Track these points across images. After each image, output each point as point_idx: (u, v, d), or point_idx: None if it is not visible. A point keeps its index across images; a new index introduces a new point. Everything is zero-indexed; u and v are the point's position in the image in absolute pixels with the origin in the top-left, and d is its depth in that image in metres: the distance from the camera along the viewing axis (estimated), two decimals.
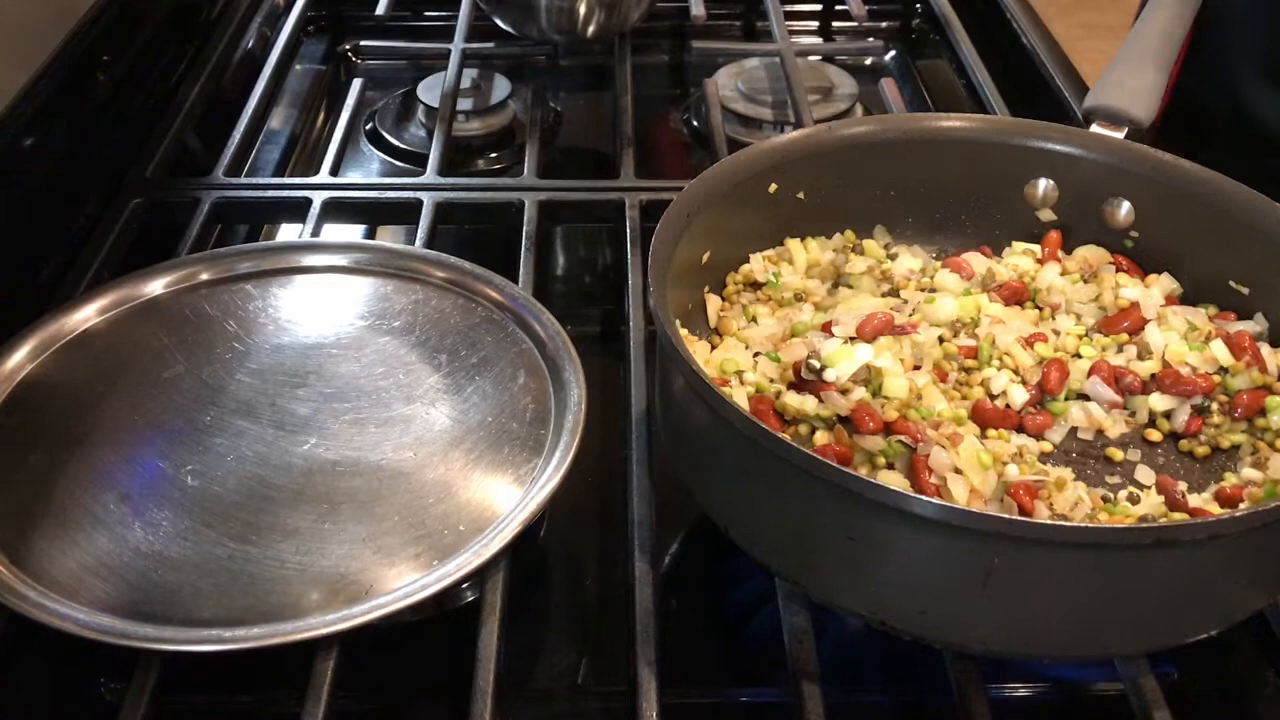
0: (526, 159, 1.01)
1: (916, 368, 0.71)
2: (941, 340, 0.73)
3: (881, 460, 0.65)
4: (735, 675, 0.70)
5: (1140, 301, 0.75)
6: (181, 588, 0.61)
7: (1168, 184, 0.76)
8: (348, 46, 1.30)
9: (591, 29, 1.14)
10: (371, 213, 0.98)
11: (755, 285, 0.78)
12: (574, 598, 0.72)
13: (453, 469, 0.68)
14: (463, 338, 0.77)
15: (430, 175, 0.98)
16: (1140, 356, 0.73)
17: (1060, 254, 0.80)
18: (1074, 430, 0.70)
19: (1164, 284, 0.77)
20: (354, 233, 1.01)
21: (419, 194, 0.95)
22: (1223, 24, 0.98)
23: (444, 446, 0.70)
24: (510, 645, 0.62)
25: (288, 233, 1.00)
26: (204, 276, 0.82)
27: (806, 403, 0.67)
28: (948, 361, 0.71)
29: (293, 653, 0.59)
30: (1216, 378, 0.70)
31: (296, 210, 0.95)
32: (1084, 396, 0.71)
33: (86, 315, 0.78)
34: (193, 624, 0.59)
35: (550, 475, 0.67)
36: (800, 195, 0.79)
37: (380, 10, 1.28)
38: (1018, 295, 0.76)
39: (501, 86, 1.16)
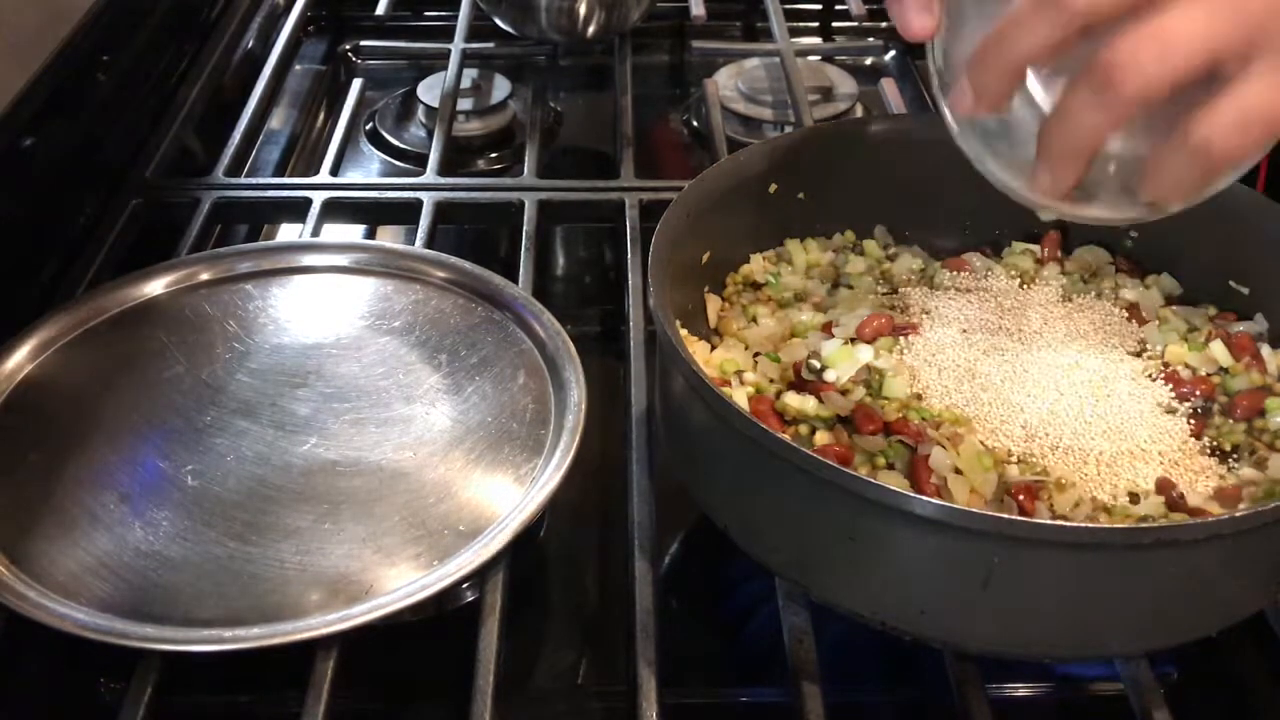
0: (526, 159, 1.01)
1: None
2: None
3: (881, 460, 0.64)
4: (735, 675, 0.70)
5: (1140, 301, 0.75)
6: (181, 588, 0.61)
7: None
8: (348, 46, 1.30)
9: (591, 29, 1.14)
10: (371, 213, 0.98)
11: (755, 285, 0.78)
12: (574, 598, 0.72)
13: (453, 469, 0.68)
14: (463, 338, 0.77)
15: (430, 175, 0.98)
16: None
17: (1060, 254, 0.80)
18: None
19: (1164, 284, 0.77)
20: (354, 233, 1.01)
21: (419, 194, 0.95)
22: None
23: (444, 446, 0.70)
24: (510, 645, 0.62)
25: (288, 233, 1.00)
26: (204, 276, 0.82)
27: (806, 403, 0.67)
28: None
29: (293, 653, 0.59)
30: (1216, 379, 0.70)
31: (296, 210, 0.94)
32: None
33: (86, 315, 0.78)
34: (193, 624, 0.59)
35: (550, 475, 0.67)
36: (800, 195, 0.79)
37: (380, 10, 1.28)
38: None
39: (501, 86, 1.16)
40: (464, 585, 0.64)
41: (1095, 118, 0.51)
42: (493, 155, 1.13)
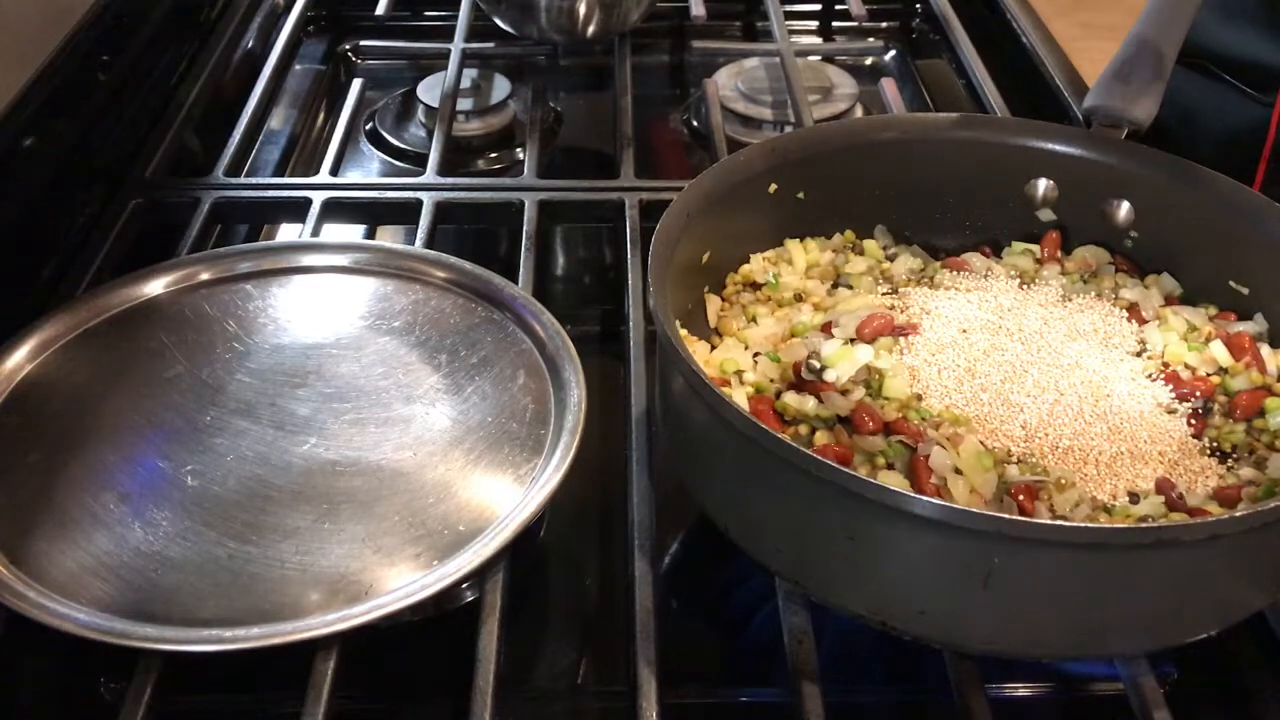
0: (526, 159, 1.01)
1: None
2: None
3: (881, 460, 0.65)
4: (735, 675, 0.70)
5: (1140, 301, 0.75)
6: (181, 588, 0.61)
7: (1168, 184, 0.76)
8: (348, 46, 1.30)
9: (591, 29, 1.14)
10: (371, 213, 0.98)
11: (755, 285, 0.78)
12: (574, 598, 0.72)
13: (453, 469, 0.68)
14: (463, 338, 0.77)
15: (430, 175, 0.98)
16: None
17: (1060, 254, 0.80)
18: None
19: (1164, 284, 0.77)
20: (354, 233, 1.01)
21: (419, 194, 0.95)
22: None
23: (444, 446, 0.70)
24: (510, 645, 0.62)
25: (288, 233, 1.00)
26: (204, 276, 0.82)
27: (806, 403, 0.67)
28: None
29: (293, 653, 0.59)
30: (1216, 379, 0.70)
31: (296, 210, 0.94)
32: None
33: (86, 315, 0.78)
34: (193, 624, 0.59)
35: (550, 475, 0.67)
36: (800, 195, 0.79)
37: (380, 10, 1.28)
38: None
39: (501, 86, 1.16)
40: (464, 585, 0.64)
41: None
42: (493, 155, 1.13)
